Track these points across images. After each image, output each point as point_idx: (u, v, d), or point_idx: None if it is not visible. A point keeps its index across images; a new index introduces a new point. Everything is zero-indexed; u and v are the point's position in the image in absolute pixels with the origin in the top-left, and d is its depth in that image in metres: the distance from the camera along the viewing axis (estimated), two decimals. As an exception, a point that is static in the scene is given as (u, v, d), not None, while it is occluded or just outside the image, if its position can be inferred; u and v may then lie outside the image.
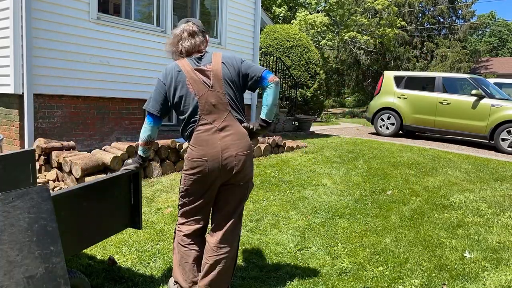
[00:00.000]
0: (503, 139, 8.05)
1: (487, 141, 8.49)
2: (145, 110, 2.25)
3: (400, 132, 9.84)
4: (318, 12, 21.54)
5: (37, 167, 4.65)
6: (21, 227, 1.49)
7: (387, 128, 9.80)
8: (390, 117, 9.71)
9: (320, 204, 4.28)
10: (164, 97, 2.20)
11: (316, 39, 22.10)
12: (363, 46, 23.50)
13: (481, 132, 8.39)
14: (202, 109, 2.15)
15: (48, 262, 1.51)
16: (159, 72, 2.28)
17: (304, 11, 20.26)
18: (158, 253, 3.00)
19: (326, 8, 22.40)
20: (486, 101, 8.36)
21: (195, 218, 2.29)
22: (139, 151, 2.32)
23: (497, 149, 8.13)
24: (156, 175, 4.99)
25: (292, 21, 19.82)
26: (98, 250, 2.97)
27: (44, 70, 5.07)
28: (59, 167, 4.59)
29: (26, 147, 4.88)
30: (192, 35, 2.24)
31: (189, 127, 2.19)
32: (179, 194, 2.30)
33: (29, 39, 4.80)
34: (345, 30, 22.77)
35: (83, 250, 2.63)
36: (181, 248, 2.29)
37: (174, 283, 2.37)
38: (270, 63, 10.49)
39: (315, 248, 3.23)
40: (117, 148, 4.87)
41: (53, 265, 1.52)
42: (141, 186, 2.46)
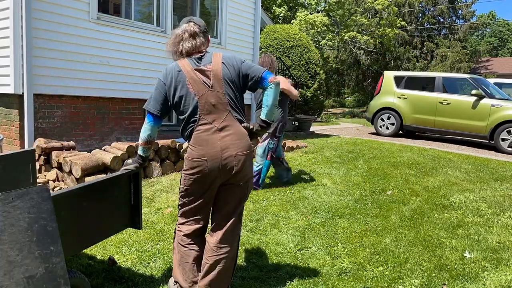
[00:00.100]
0: (503, 139, 8.05)
1: (487, 141, 8.49)
2: (145, 109, 2.25)
3: (400, 132, 9.84)
4: (318, 12, 21.53)
5: (37, 167, 4.65)
6: (21, 227, 1.49)
7: (387, 128, 9.80)
8: (390, 117, 9.71)
9: (320, 204, 4.28)
10: (164, 97, 2.20)
11: (316, 39, 22.09)
12: (363, 46, 23.49)
13: (481, 132, 8.39)
14: (202, 109, 2.15)
15: (48, 262, 1.51)
16: (159, 72, 2.28)
17: (304, 11, 20.25)
18: (158, 253, 3.00)
19: (326, 8, 22.39)
20: (486, 101, 8.36)
21: (195, 218, 2.29)
22: (139, 151, 2.33)
23: (497, 149, 8.13)
24: (156, 175, 4.99)
25: (292, 21, 19.81)
26: (98, 250, 2.97)
27: (44, 70, 5.07)
28: (59, 167, 4.59)
29: (26, 147, 4.88)
30: (193, 36, 2.23)
31: (189, 127, 2.20)
32: (179, 194, 2.30)
33: (29, 39, 4.80)
34: (345, 30, 22.76)
35: (83, 250, 2.63)
36: (181, 248, 2.30)
37: (174, 283, 2.37)
38: (270, 63, 10.48)
39: (315, 248, 3.23)
40: (117, 148, 4.87)
41: (53, 265, 1.52)
42: (141, 186, 2.46)
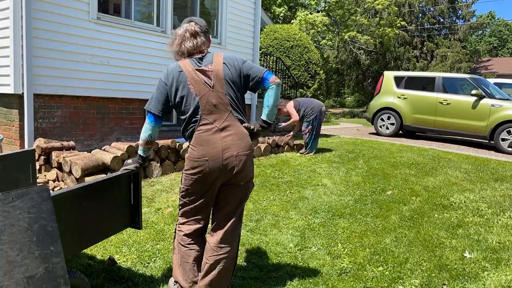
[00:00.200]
0: (503, 139, 8.05)
1: (487, 141, 8.49)
2: (146, 110, 2.25)
3: (400, 132, 9.84)
4: (318, 12, 21.52)
5: (37, 167, 4.65)
6: (21, 227, 1.49)
7: (387, 128, 9.80)
8: (390, 117, 9.71)
9: (320, 204, 4.28)
10: (166, 97, 2.20)
11: (316, 39, 22.09)
12: (363, 46, 23.49)
13: (481, 132, 8.39)
14: (203, 109, 2.15)
15: (48, 262, 1.51)
16: (159, 72, 2.28)
17: (304, 11, 20.25)
18: (158, 253, 3.00)
19: (326, 8, 22.39)
20: (486, 101, 8.36)
21: (196, 218, 2.29)
22: (139, 151, 2.33)
23: (497, 149, 8.13)
24: (156, 175, 4.99)
25: (292, 21, 19.80)
26: (98, 250, 2.97)
27: (44, 70, 5.07)
28: (59, 167, 4.59)
29: (26, 147, 4.88)
30: (194, 35, 2.24)
31: (190, 127, 2.20)
32: (180, 194, 2.30)
33: (29, 39, 4.80)
34: (345, 30, 22.75)
35: (83, 250, 2.63)
36: (182, 248, 2.30)
37: (174, 283, 2.37)
38: (270, 63, 10.48)
39: (315, 248, 3.23)
40: (117, 148, 4.87)
41: (53, 265, 1.51)
42: (141, 186, 2.46)
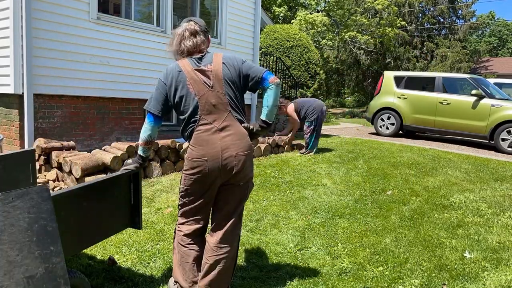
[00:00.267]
0: (503, 139, 8.05)
1: (487, 141, 8.49)
2: (146, 110, 2.25)
3: (400, 132, 9.84)
4: (318, 12, 21.51)
5: (37, 167, 4.65)
6: (21, 227, 1.49)
7: (387, 128, 9.80)
8: (390, 117, 9.71)
9: (320, 204, 4.28)
10: (165, 97, 2.20)
11: (316, 39, 22.08)
12: (363, 46, 23.48)
13: (481, 132, 8.39)
14: (202, 109, 2.15)
15: (48, 262, 1.51)
16: (159, 72, 2.28)
17: (304, 11, 20.25)
18: (158, 253, 3.00)
19: (326, 8, 22.39)
20: (486, 101, 8.36)
21: (195, 218, 2.29)
22: (139, 151, 2.33)
23: (497, 149, 8.13)
24: (156, 175, 4.99)
25: (292, 21, 19.80)
26: (98, 250, 2.97)
27: (44, 70, 5.07)
28: (59, 167, 4.59)
29: (26, 147, 4.88)
30: (194, 34, 2.24)
31: (189, 127, 2.20)
32: (179, 194, 2.30)
33: (29, 39, 4.80)
34: (345, 30, 22.74)
35: (83, 250, 2.63)
36: (181, 248, 2.30)
37: (174, 283, 2.37)
38: (270, 63, 10.48)
39: (315, 248, 3.23)
40: (117, 148, 4.87)
41: (53, 265, 1.51)
42: (141, 186, 2.46)
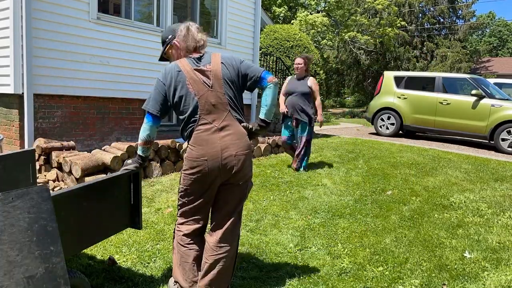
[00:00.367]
0: (503, 139, 8.05)
1: (487, 141, 8.49)
2: (145, 109, 2.25)
3: (400, 132, 9.84)
4: (318, 12, 21.51)
5: (37, 167, 4.65)
6: (21, 227, 1.49)
7: (387, 128, 9.80)
8: (390, 117, 9.71)
9: (320, 204, 4.28)
10: (164, 97, 2.20)
11: (316, 39, 22.07)
12: (363, 46, 23.48)
13: (481, 132, 8.39)
14: (202, 109, 2.15)
15: (48, 262, 1.51)
16: (159, 72, 2.28)
17: (304, 11, 20.24)
18: (158, 253, 3.00)
19: (326, 8, 22.38)
20: (486, 101, 8.36)
21: (195, 218, 2.29)
22: (138, 151, 2.33)
23: (497, 149, 8.12)
24: (156, 175, 4.99)
25: (292, 21, 19.80)
26: (98, 250, 2.97)
27: (44, 70, 5.07)
28: (59, 167, 4.59)
29: (26, 147, 4.88)
30: (200, 30, 2.30)
31: (189, 127, 2.20)
32: (179, 194, 2.30)
33: (29, 39, 4.80)
34: (345, 30, 22.74)
35: (83, 250, 2.63)
36: (181, 248, 2.30)
37: (174, 283, 2.37)
38: (270, 63, 10.48)
39: (315, 248, 3.23)
40: (117, 148, 4.87)
41: (53, 265, 1.51)
42: (141, 186, 2.46)
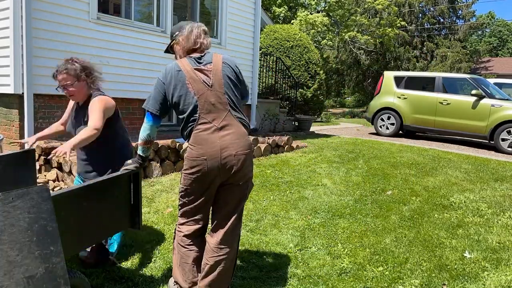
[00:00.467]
0: (503, 139, 8.05)
1: (487, 141, 8.49)
2: (145, 109, 2.25)
3: (400, 132, 9.84)
4: (318, 12, 21.52)
5: (37, 167, 4.65)
6: (21, 227, 1.49)
7: (387, 128, 9.80)
8: (390, 117, 9.70)
9: (320, 204, 4.28)
10: (164, 96, 2.20)
11: (316, 39, 22.08)
12: (363, 46, 23.49)
13: (481, 132, 8.39)
14: (202, 108, 2.16)
15: (48, 262, 1.51)
16: (159, 72, 2.28)
17: (304, 11, 20.25)
18: (158, 253, 3.00)
19: (326, 8, 22.38)
20: (486, 101, 8.35)
21: (195, 218, 2.29)
22: (138, 151, 2.33)
23: (497, 149, 8.12)
24: (156, 175, 4.99)
25: (292, 21, 19.80)
26: (98, 250, 2.97)
27: (44, 70, 5.07)
28: (59, 167, 4.59)
29: (26, 147, 4.87)
30: (206, 33, 2.32)
31: (188, 126, 2.20)
32: (179, 193, 2.31)
33: (29, 39, 4.80)
34: (345, 30, 22.75)
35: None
36: (181, 248, 2.30)
37: (174, 283, 2.37)
38: (270, 63, 10.48)
39: (315, 248, 3.23)
40: (117, 148, 4.86)
41: (53, 265, 1.51)
42: (141, 186, 2.46)
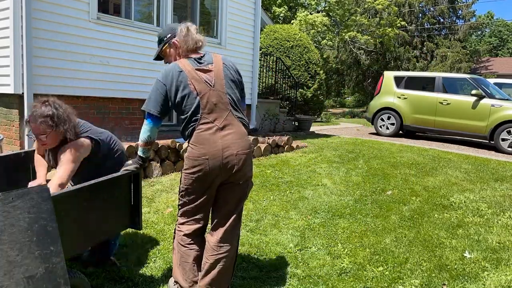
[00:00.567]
0: (503, 139, 8.05)
1: (487, 141, 8.49)
2: (144, 111, 2.23)
3: (400, 132, 9.84)
4: (318, 12, 21.51)
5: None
6: (21, 227, 1.49)
7: (387, 128, 9.80)
8: (390, 117, 9.70)
9: (320, 204, 4.28)
10: (165, 97, 2.19)
11: (316, 39, 22.08)
12: (363, 46, 23.49)
13: (481, 132, 8.39)
14: (204, 108, 2.16)
15: (48, 262, 1.51)
16: (159, 72, 2.27)
17: (304, 11, 20.25)
18: (158, 253, 3.00)
19: (326, 8, 22.38)
20: (486, 101, 8.35)
21: (195, 217, 2.29)
22: (139, 152, 2.32)
23: (497, 149, 8.12)
24: (156, 175, 4.99)
25: (292, 21, 19.80)
26: (98, 250, 2.97)
27: (44, 70, 5.07)
28: (59, 167, 4.59)
29: (26, 147, 4.88)
30: (198, 31, 2.32)
31: (190, 126, 2.20)
32: (179, 193, 2.30)
33: (29, 39, 4.80)
34: (345, 30, 22.75)
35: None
36: (181, 248, 2.30)
37: (174, 283, 2.37)
38: (270, 63, 10.48)
39: (315, 248, 3.23)
40: (117, 148, 4.86)
41: (53, 265, 1.51)
42: (141, 187, 2.46)
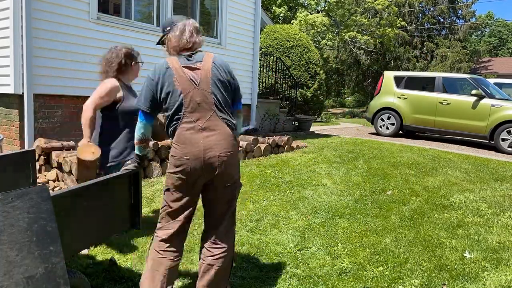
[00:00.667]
0: (503, 139, 8.05)
1: (487, 141, 8.49)
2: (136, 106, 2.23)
3: (400, 132, 9.84)
4: (318, 12, 21.52)
5: (37, 167, 4.65)
6: (20, 227, 1.49)
7: (387, 128, 9.80)
8: (390, 117, 9.70)
9: (320, 204, 4.28)
10: (152, 93, 2.18)
11: (316, 39, 22.09)
12: (363, 46, 23.49)
13: (481, 132, 8.39)
14: (187, 107, 2.13)
15: (48, 262, 1.51)
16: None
17: (304, 11, 20.25)
18: (158, 253, 2.99)
19: (326, 8, 22.39)
20: (486, 101, 8.35)
21: (175, 220, 2.21)
22: (135, 150, 2.32)
23: (497, 149, 8.12)
24: (156, 175, 4.99)
25: (292, 21, 19.81)
26: (98, 250, 2.97)
27: (44, 70, 5.07)
28: (59, 167, 4.59)
29: (26, 147, 4.88)
30: (199, 31, 2.29)
31: (172, 124, 2.18)
32: (163, 194, 2.25)
33: (29, 39, 4.80)
34: (345, 30, 22.76)
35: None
36: (156, 254, 2.22)
37: None
38: (270, 63, 10.48)
39: (315, 248, 3.23)
40: (117, 148, 4.86)
41: (53, 265, 1.51)
42: (141, 186, 2.46)
